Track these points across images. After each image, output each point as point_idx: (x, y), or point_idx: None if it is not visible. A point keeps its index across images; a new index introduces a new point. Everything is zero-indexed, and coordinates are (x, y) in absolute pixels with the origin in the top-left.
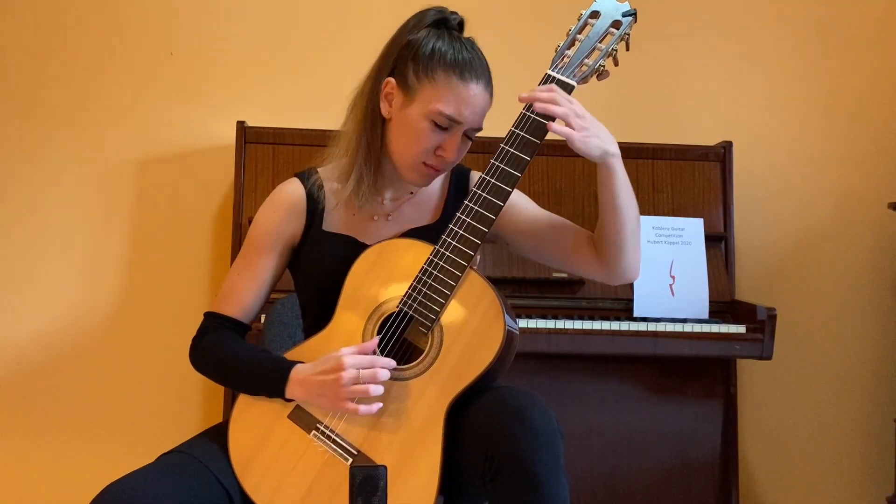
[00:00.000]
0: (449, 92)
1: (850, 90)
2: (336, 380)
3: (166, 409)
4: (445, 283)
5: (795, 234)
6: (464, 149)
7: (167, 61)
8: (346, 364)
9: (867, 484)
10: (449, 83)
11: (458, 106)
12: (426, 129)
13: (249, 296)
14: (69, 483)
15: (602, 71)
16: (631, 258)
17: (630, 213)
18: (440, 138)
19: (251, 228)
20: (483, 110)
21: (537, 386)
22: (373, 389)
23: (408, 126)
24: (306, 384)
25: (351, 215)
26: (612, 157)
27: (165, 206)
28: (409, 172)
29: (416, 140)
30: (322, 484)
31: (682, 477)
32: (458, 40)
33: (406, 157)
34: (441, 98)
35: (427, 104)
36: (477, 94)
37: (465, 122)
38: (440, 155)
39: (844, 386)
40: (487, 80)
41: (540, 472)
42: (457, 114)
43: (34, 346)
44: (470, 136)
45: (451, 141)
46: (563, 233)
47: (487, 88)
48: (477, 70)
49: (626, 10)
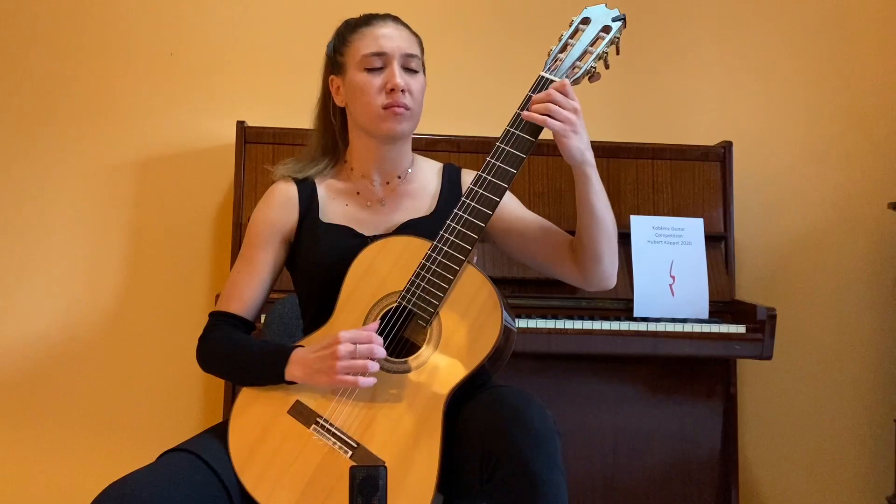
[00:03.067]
0: (362, 39)
1: (851, 90)
2: (332, 353)
3: (166, 408)
4: (444, 276)
5: (795, 234)
6: (413, 81)
7: (167, 61)
8: (343, 338)
9: (867, 484)
10: (360, 34)
11: (376, 41)
12: (365, 77)
13: (250, 292)
14: (69, 483)
15: (594, 73)
16: (607, 267)
17: (607, 221)
18: (381, 78)
19: (248, 226)
20: (401, 37)
21: (537, 386)
22: (370, 365)
23: (354, 89)
24: (305, 362)
25: (345, 205)
26: (588, 166)
27: (165, 206)
28: (380, 124)
29: (364, 91)
30: (321, 477)
31: (682, 477)
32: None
33: (368, 113)
34: (360, 47)
35: (354, 60)
36: (387, 27)
37: (388, 52)
38: (391, 89)
39: (844, 386)
40: (397, 20)
41: (537, 470)
42: (376, 47)
43: (34, 345)
44: (411, 68)
45: (388, 73)
46: (548, 236)
47: (398, 23)
48: (380, 16)
49: (616, 16)
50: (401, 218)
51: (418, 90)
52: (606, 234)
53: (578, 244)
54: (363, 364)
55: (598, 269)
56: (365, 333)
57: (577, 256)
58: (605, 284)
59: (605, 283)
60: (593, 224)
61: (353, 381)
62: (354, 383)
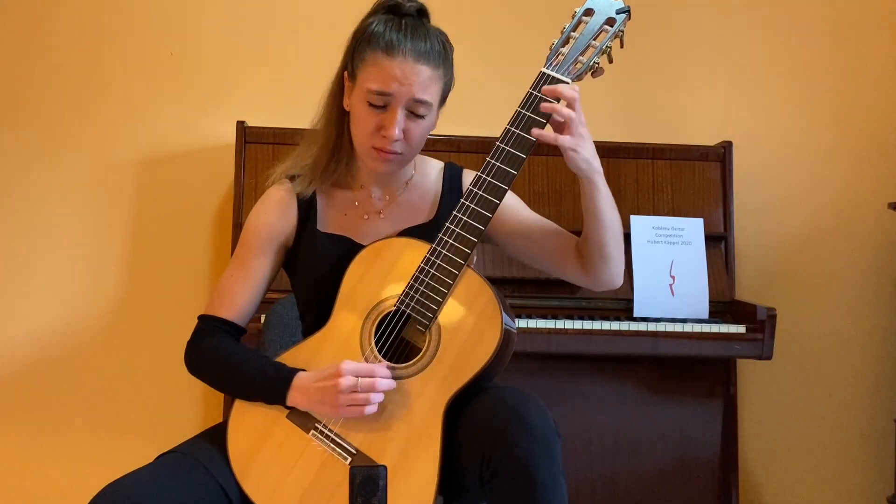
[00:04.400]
0: (375, 68)
1: (851, 90)
2: (334, 386)
3: (166, 409)
4: (443, 281)
5: (795, 234)
6: (417, 129)
7: (167, 61)
8: (344, 370)
9: (867, 484)
10: (375, 60)
11: (385, 80)
12: (365, 111)
13: (244, 298)
14: (69, 483)
15: (597, 68)
16: (615, 268)
17: (614, 226)
18: (379, 118)
19: (243, 231)
20: (415, 82)
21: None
22: (372, 398)
23: (353, 112)
24: (307, 392)
25: (343, 215)
26: (595, 174)
27: (165, 206)
28: (366, 159)
29: (359, 123)
30: (321, 483)
31: (682, 477)
32: (399, 21)
33: (358, 143)
34: (370, 76)
35: (361, 86)
36: (404, 65)
37: (394, 95)
38: (383, 135)
39: (844, 386)
40: (422, 51)
41: (537, 472)
42: (384, 87)
43: (34, 345)
44: (417, 113)
45: (388, 117)
46: (552, 237)
47: (421, 59)
48: (406, 43)
49: (621, 8)
50: (400, 227)
51: (418, 135)
52: (614, 237)
53: (586, 247)
54: (364, 398)
55: (608, 269)
56: (366, 367)
57: (585, 258)
58: (613, 284)
59: (613, 283)
60: (602, 228)
61: (356, 413)
62: (356, 415)
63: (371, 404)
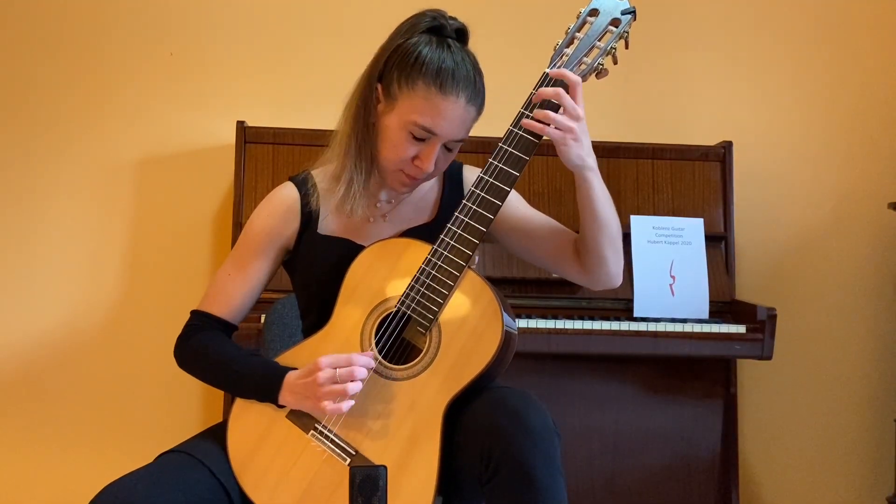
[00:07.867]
0: (426, 103)
1: (850, 90)
2: (313, 381)
3: (166, 409)
4: (444, 282)
5: (795, 234)
6: (445, 160)
7: (167, 61)
8: (322, 364)
9: (867, 484)
10: (427, 94)
11: (435, 118)
12: (404, 138)
13: (239, 297)
14: (69, 483)
15: (601, 69)
16: (612, 267)
17: (610, 225)
18: (417, 149)
19: (245, 230)
20: (462, 123)
21: (537, 386)
22: (350, 388)
23: (387, 133)
24: (293, 389)
25: (346, 217)
26: (588, 171)
27: (165, 206)
28: (389, 179)
29: (394, 149)
30: (320, 483)
31: (682, 477)
32: (447, 49)
33: (385, 163)
34: (418, 109)
35: (406, 114)
36: (456, 108)
37: (441, 135)
38: (417, 165)
39: (844, 386)
40: (472, 92)
41: (536, 472)
42: (433, 126)
43: (34, 345)
44: (450, 148)
45: (427, 151)
46: (553, 235)
47: (471, 101)
48: (459, 82)
49: (626, 8)
50: (401, 228)
51: (443, 163)
52: (610, 237)
53: (582, 246)
54: (342, 388)
55: (603, 270)
56: (344, 357)
57: (581, 258)
58: (610, 284)
59: (610, 283)
60: (596, 227)
61: (335, 409)
62: (336, 411)
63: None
